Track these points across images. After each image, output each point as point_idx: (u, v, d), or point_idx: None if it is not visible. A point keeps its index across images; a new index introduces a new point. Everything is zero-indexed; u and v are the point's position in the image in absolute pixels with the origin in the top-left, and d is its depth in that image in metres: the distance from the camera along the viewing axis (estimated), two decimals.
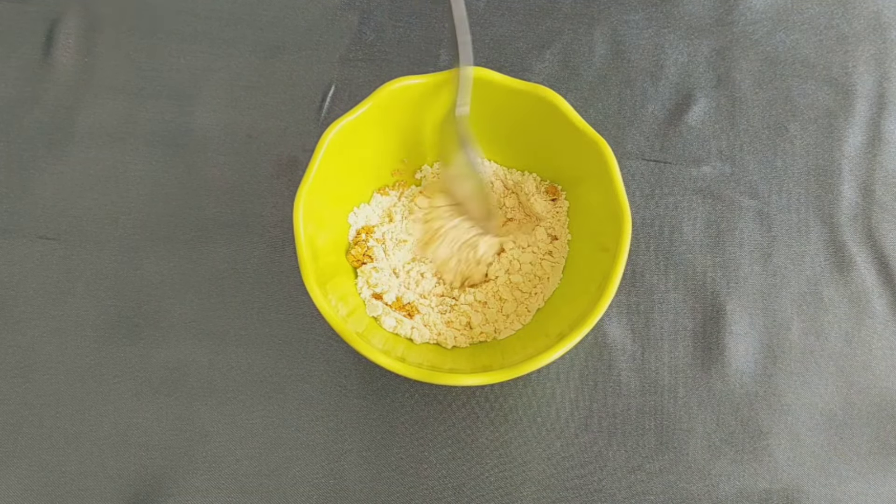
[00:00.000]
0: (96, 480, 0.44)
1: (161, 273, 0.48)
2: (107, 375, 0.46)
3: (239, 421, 0.45)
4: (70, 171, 0.51)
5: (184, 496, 0.43)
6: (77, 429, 0.45)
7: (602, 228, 0.43)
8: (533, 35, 0.54)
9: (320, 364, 0.46)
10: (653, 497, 0.43)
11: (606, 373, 0.45)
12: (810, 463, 0.43)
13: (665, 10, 0.55)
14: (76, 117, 0.52)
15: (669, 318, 0.46)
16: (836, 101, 0.52)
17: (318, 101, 0.52)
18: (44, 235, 0.49)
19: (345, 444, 0.44)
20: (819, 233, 0.48)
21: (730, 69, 0.53)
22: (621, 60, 0.53)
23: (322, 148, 0.42)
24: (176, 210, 0.50)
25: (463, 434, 0.44)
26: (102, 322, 0.47)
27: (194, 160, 0.51)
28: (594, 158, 0.43)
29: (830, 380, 0.45)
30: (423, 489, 0.43)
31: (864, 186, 0.50)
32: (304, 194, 0.42)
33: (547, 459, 0.44)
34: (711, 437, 0.44)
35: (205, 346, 0.46)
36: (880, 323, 0.46)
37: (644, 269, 0.48)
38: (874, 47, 0.53)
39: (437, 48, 0.54)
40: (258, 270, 0.48)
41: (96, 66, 0.53)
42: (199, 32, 0.54)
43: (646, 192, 0.49)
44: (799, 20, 0.54)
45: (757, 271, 0.48)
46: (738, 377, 0.45)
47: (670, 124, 0.51)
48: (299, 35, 0.54)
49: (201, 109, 0.52)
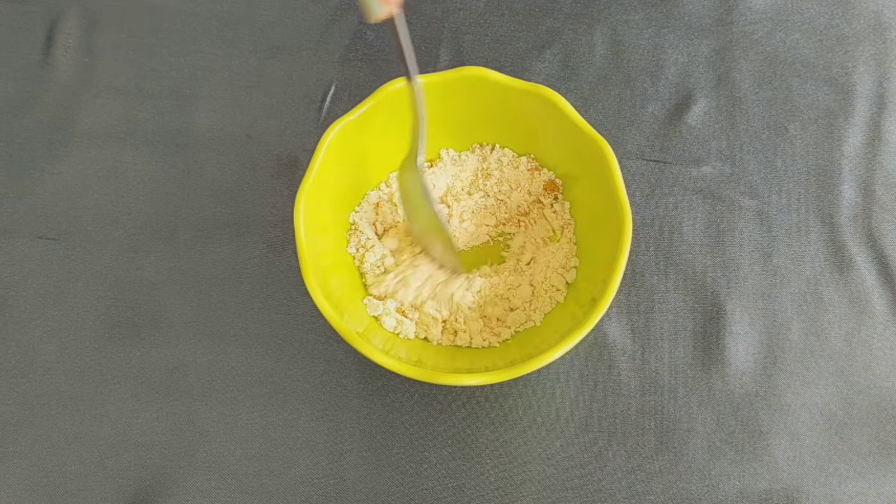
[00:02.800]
0: (96, 480, 0.44)
1: (161, 273, 0.48)
2: (107, 375, 0.46)
3: (239, 421, 0.45)
4: (70, 171, 0.51)
5: (184, 496, 0.43)
6: (77, 429, 0.45)
7: (602, 228, 0.43)
8: (533, 35, 0.54)
9: (320, 364, 0.46)
10: (653, 497, 0.43)
11: (606, 373, 0.45)
12: (810, 463, 0.43)
13: (665, 10, 0.55)
14: (76, 117, 0.52)
15: (669, 318, 0.46)
16: (836, 101, 0.52)
17: (318, 101, 0.52)
18: (44, 235, 0.49)
19: (345, 444, 0.44)
20: (819, 233, 0.48)
21: (730, 69, 0.53)
22: (621, 60, 0.53)
23: (322, 149, 0.42)
24: (176, 210, 0.50)
25: (463, 434, 0.44)
26: (102, 322, 0.47)
27: (194, 160, 0.51)
28: (595, 158, 0.43)
29: (830, 380, 0.45)
30: (423, 489, 0.43)
31: (864, 186, 0.50)
32: (304, 195, 0.42)
33: (547, 459, 0.44)
34: (711, 437, 0.44)
35: (205, 346, 0.46)
36: (880, 323, 0.46)
37: (644, 269, 0.48)
38: (874, 47, 0.53)
39: (437, 48, 0.53)
40: (258, 270, 0.48)
41: (96, 66, 0.53)
42: (199, 32, 0.54)
43: (646, 192, 0.49)
44: (799, 20, 0.54)
45: (757, 271, 0.48)
46: (738, 377, 0.45)
47: (670, 124, 0.51)
48: (299, 35, 0.54)
49: (201, 109, 0.52)
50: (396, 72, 0.53)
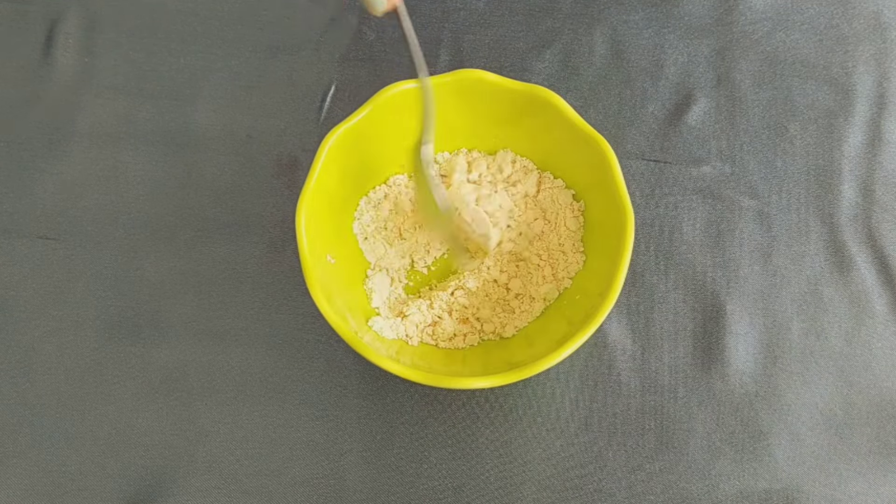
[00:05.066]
0: (96, 480, 0.44)
1: (161, 273, 0.48)
2: (107, 375, 0.46)
3: (239, 421, 0.45)
4: (70, 171, 0.51)
5: (184, 496, 0.43)
6: (77, 429, 0.45)
7: (604, 227, 0.43)
8: (533, 35, 0.54)
9: (320, 364, 0.46)
10: (653, 497, 0.43)
11: (606, 373, 0.45)
12: (810, 463, 0.43)
13: (665, 10, 0.55)
14: (76, 117, 0.52)
15: (669, 318, 0.46)
16: (836, 101, 0.52)
17: (318, 101, 0.52)
18: (44, 235, 0.49)
19: (345, 444, 0.44)
20: (819, 233, 0.48)
21: (730, 69, 0.53)
22: (621, 60, 0.53)
23: (321, 155, 0.42)
24: (176, 210, 0.50)
25: (463, 434, 0.44)
26: (102, 322, 0.47)
27: (194, 160, 0.51)
28: (595, 158, 0.43)
29: (830, 380, 0.45)
30: (423, 489, 0.43)
31: (864, 186, 0.50)
32: (305, 201, 0.42)
33: (547, 459, 0.44)
34: (711, 437, 0.44)
35: (205, 346, 0.46)
36: (880, 323, 0.46)
37: (644, 269, 0.48)
38: (874, 47, 0.53)
39: (437, 48, 0.53)
40: (258, 270, 0.48)
41: (96, 66, 0.53)
42: (199, 32, 0.54)
43: (646, 192, 0.49)
44: (799, 20, 0.54)
45: (757, 271, 0.48)
46: (738, 377, 0.45)
47: (670, 124, 0.51)
48: (299, 35, 0.54)
49: (201, 109, 0.52)
50: (397, 72, 0.53)
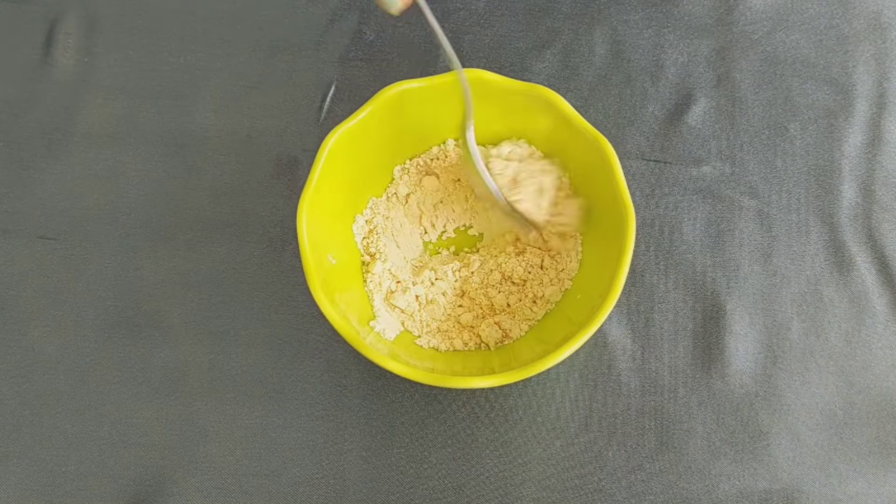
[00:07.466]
0: (96, 480, 0.44)
1: (161, 273, 0.48)
2: (107, 375, 0.46)
3: (239, 421, 0.45)
4: (70, 171, 0.51)
5: (184, 496, 0.43)
6: (77, 429, 0.45)
7: (604, 227, 0.43)
8: (533, 35, 0.54)
9: (320, 364, 0.46)
10: (653, 497, 0.43)
11: (606, 373, 0.45)
12: (810, 463, 0.43)
13: (665, 10, 0.54)
14: (76, 117, 0.52)
15: (669, 318, 0.46)
16: (836, 101, 0.52)
17: (318, 101, 0.52)
18: (44, 235, 0.49)
19: (345, 444, 0.44)
20: (819, 233, 0.48)
21: (730, 69, 0.53)
22: (621, 60, 0.53)
23: (322, 155, 0.42)
24: (176, 210, 0.50)
25: (463, 434, 0.44)
26: (102, 322, 0.47)
27: (194, 160, 0.51)
28: (596, 157, 0.43)
29: (830, 380, 0.45)
30: (423, 489, 0.43)
31: (864, 186, 0.50)
32: (306, 203, 0.42)
33: (547, 459, 0.44)
34: (711, 437, 0.44)
35: (205, 346, 0.46)
36: (880, 323, 0.46)
37: (644, 269, 0.48)
38: (874, 47, 0.53)
39: (437, 48, 0.53)
40: (258, 270, 0.48)
41: (96, 66, 0.53)
42: (199, 32, 0.54)
43: (646, 192, 0.49)
44: (799, 20, 0.54)
45: (757, 271, 0.48)
46: (738, 377, 0.45)
47: (670, 124, 0.51)
48: (299, 35, 0.54)
49: (201, 109, 0.52)
50: (397, 72, 0.53)
